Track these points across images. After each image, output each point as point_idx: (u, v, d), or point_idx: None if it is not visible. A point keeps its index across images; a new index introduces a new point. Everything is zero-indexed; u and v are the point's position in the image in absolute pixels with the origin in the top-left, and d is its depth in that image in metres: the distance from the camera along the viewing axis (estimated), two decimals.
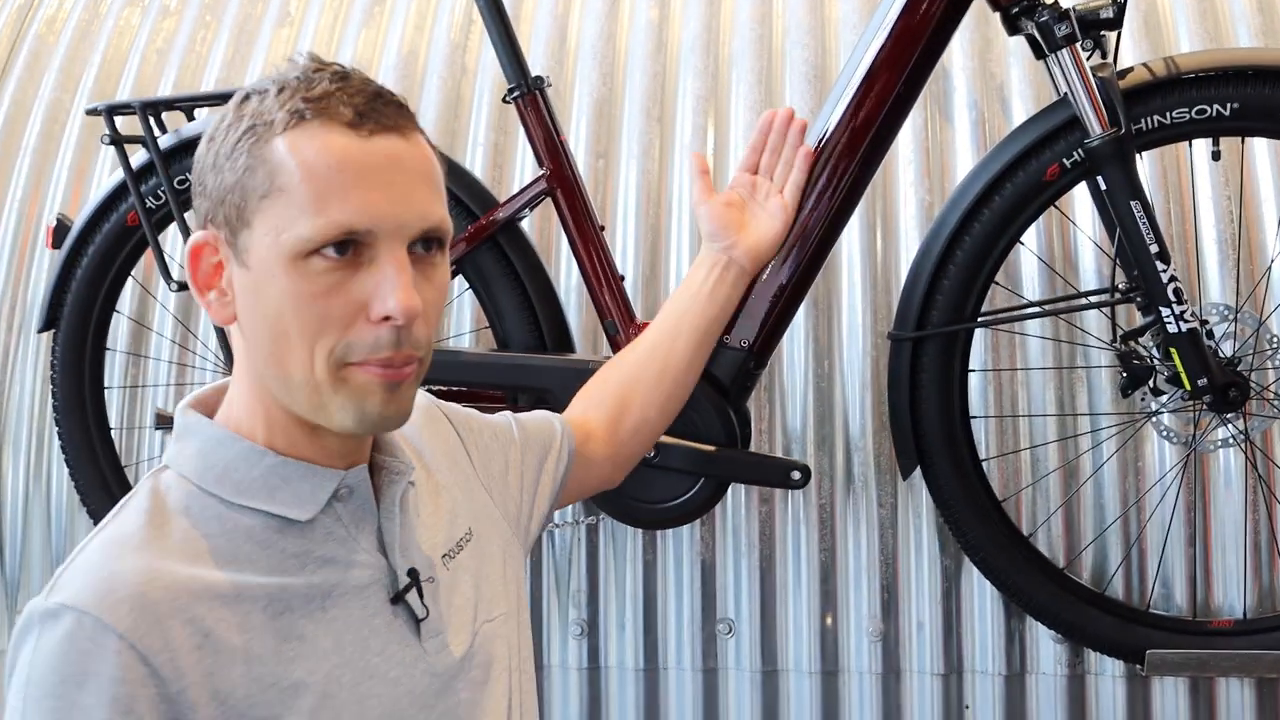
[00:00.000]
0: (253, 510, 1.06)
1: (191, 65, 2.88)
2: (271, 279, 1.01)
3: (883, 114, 1.94)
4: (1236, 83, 1.90)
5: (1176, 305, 1.90)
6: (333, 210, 0.98)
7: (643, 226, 2.44)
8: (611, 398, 1.59)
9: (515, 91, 2.10)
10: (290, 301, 1.00)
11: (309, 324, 1.01)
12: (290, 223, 0.99)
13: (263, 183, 1.00)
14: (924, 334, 2.03)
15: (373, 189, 1.00)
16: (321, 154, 0.99)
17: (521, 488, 1.38)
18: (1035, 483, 2.24)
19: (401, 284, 1.00)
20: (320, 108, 1.00)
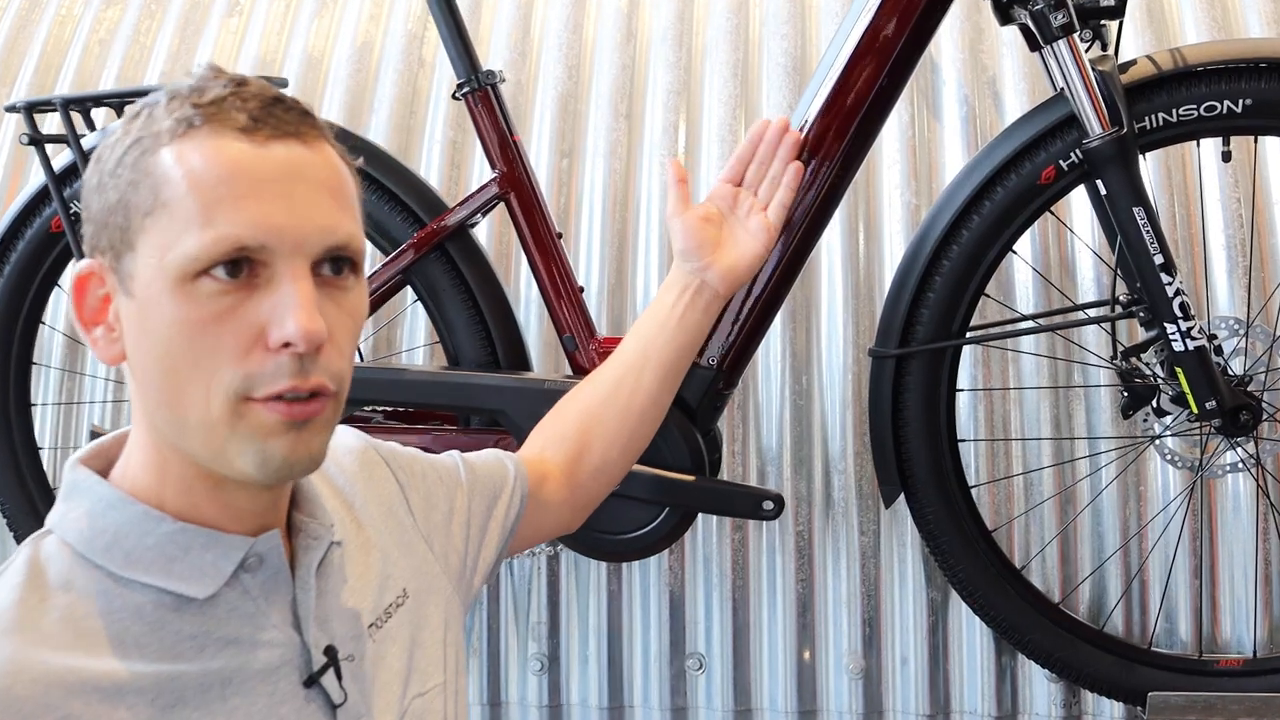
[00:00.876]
0: (144, 585, 0.92)
1: (135, 56, 2.72)
2: (158, 306, 0.88)
3: (864, 109, 1.79)
4: (1249, 77, 1.76)
5: (1183, 321, 1.75)
6: (221, 223, 0.87)
7: (609, 231, 2.28)
8: (571, 437, 1.43)
9: (465, 87, 1.95)
10: (179, 331, 0.88)
11: (201, 356, 0.88)
12: (175, 240, 0.87)
13: (146, 198, 0.89)
14: (908, 351, 1.87)
15: (267, 200, 0.88)
16: (209, 162, 0.88)
17: (466, 537, 1.24)
18: (1029, 511, 2.08)
19: (301, 304, 0.88)
20: (210, 113, 0.89)
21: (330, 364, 0.91)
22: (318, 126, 0.93)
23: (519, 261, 2.25)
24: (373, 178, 1.98)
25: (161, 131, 0.89)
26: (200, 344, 0.88)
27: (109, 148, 0.92)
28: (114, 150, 0.91)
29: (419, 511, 1.19)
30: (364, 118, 2.48)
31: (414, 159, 2.41)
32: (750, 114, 2.32)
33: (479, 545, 1.26)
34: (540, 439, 1.44)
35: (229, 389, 0.88)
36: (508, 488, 1.31)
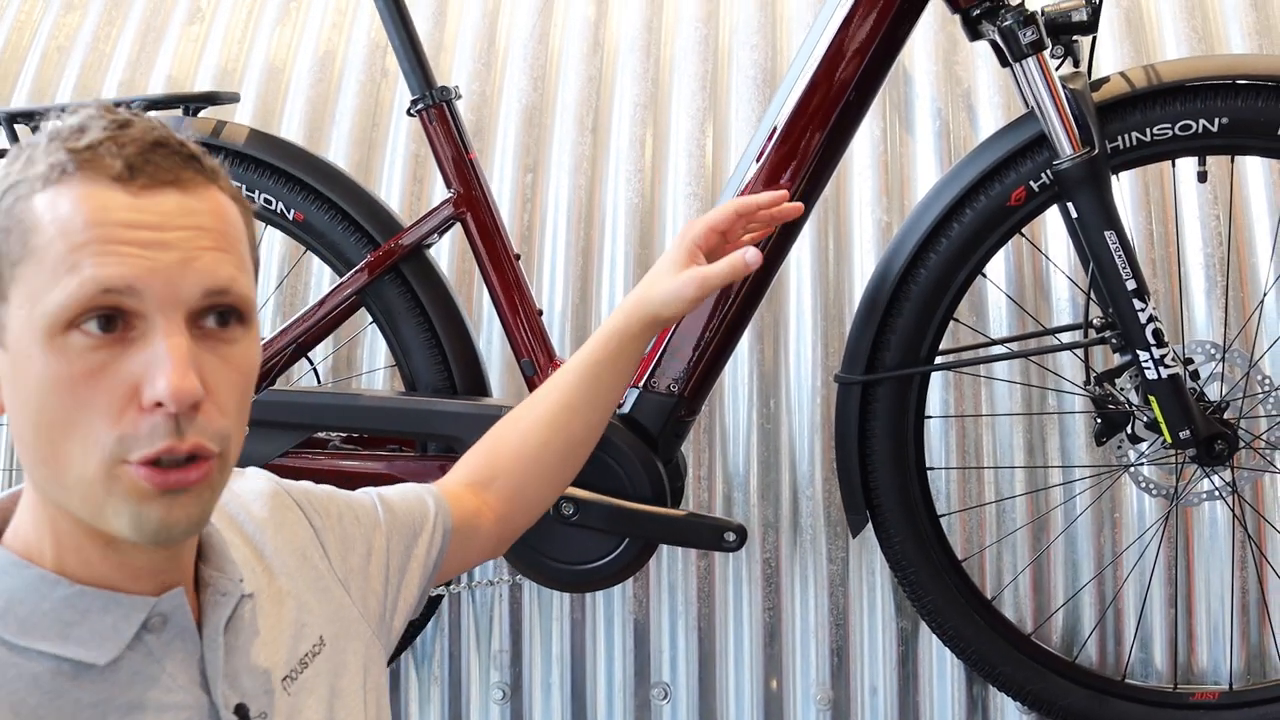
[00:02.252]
0: (40, 653, 0.87)
1: (94, 64, 2.65)
2: (29, 360, 0.84)
3: (832, 122, 1.76)
4: (1225, 95, 1.71)
5: (1156, 348, 1.70)
6: (86, 269, 0.82)
7: (573, 248, 2.22)
8: (505, 474, 1.37)
9: (420, 104, 1.89)
10: (51, 387, 0.83)
11: (75, 414, 0.84)
12: (44, 290, 0.83)
13: (16, 247, 0.84)
14: (875, 378, 1.82)
15: (138, 246, 0.84)
16: (78, 210, 0.83)
17: (385, 579, 1.19)
18: (1000, 540, 2.03)
19: (174, 361, 0.83)
20: (84, 159, 0.84)
21: (211, 423, 0.86)
22: (203, 170, 0.89)
23: (481, 282, 2.20)
24: (326, 197, 1.93)
25: (36, 177, 0.84)
26: (73, 401, 0.83)
27: None
28: None
29: (335, 555, 1.14)
30: (325, 130, 2.42)
31: (376, 173, 2.35)
32: (719, 127, 2.26)
33: (398, 586, 1.21)
34: (470, 474, 1.38)
35: (103, 450, 0.84)
36: (428, 526, 1.26)
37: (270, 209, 1.93)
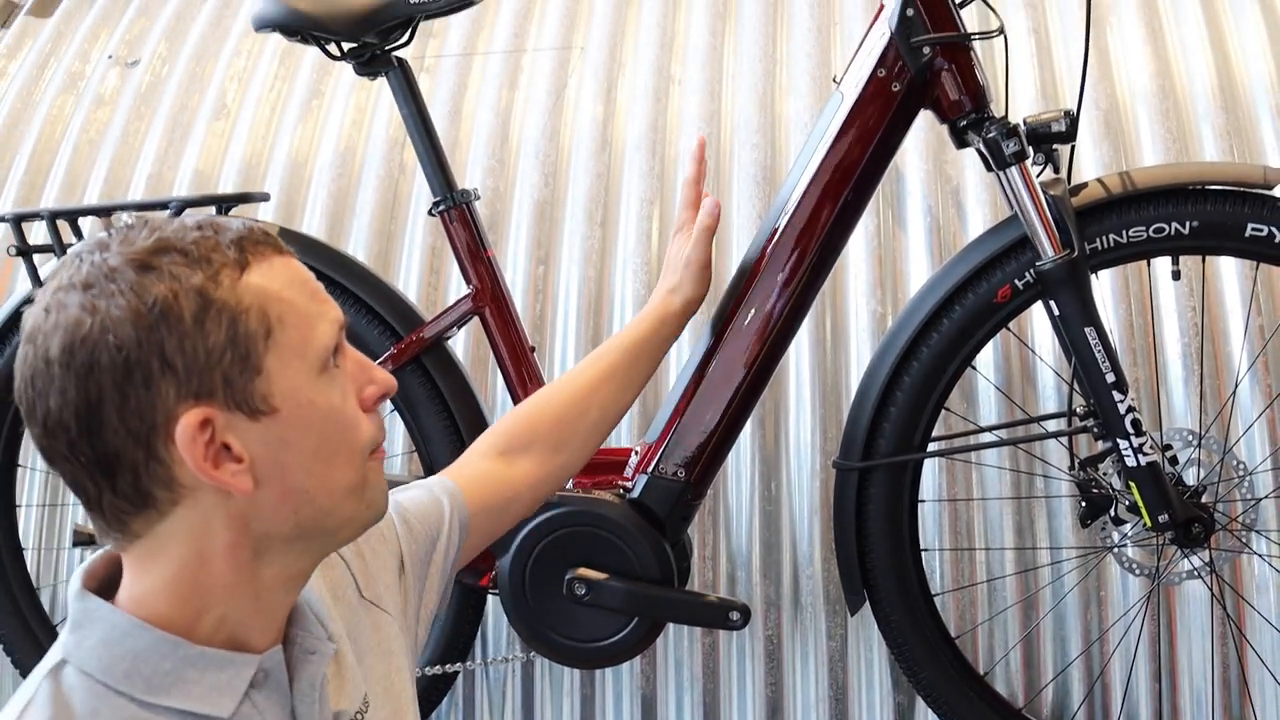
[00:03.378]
0: (168, 709, 0.97)
1: (124, 157, 2.78)
2: (311, 405, 0.99)
3: (830, 222, 1.85)
4: (1195, 199, 1.81)
5: (1135, 437, 1.79)
6: (324, 313, 1.01)
7: (583, 337, 2.33)
8: (543, 441, 1.51)
9: (441, 205, 2.00)
10: (333, 414, 1.00)
11: (348, 427, 1.02)
12: (308, 340, 0.99)
13: (259, 324, 0.97)
14: (871, 464, 1.92)
15: (318, 290, 1.04)
16: (287, 272, 1.01)
17: (408, 590, 1.30)
18: (992, 617, 2.12)
19: (370, 362, 1.07)
20: (252, 244, 1.00)
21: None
22: None
23: (496, 368, 2.30)
24: (352, 292, 2.03)
25: (226, 265, 0.96)
26: (346, 418, 1.01)
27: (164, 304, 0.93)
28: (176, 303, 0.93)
29: (364, 583, 1.23)
30: (346, 222, 2.54)
31: (394, 264, 2.47)
32: (722, 222, 2.32)
33: (420, 594, 1.32)
34: (509, 443, 1.50)
35: (366, 446, 1.03)
36: (444, 531, 1.36)
37: None
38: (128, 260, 0.94)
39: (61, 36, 3.07)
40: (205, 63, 2.89)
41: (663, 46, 2.62)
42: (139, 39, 2.99)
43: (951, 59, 1.77)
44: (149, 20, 3.04)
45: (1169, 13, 2.51)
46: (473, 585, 1.99)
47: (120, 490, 0.95)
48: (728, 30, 2.63)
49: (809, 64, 2.52)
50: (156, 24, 3.02)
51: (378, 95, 2.68)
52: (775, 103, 2.49)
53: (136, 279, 0.93)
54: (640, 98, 2.55)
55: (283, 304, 0.97)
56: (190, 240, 0.96)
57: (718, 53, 2.59)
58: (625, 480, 1.92)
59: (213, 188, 2.67)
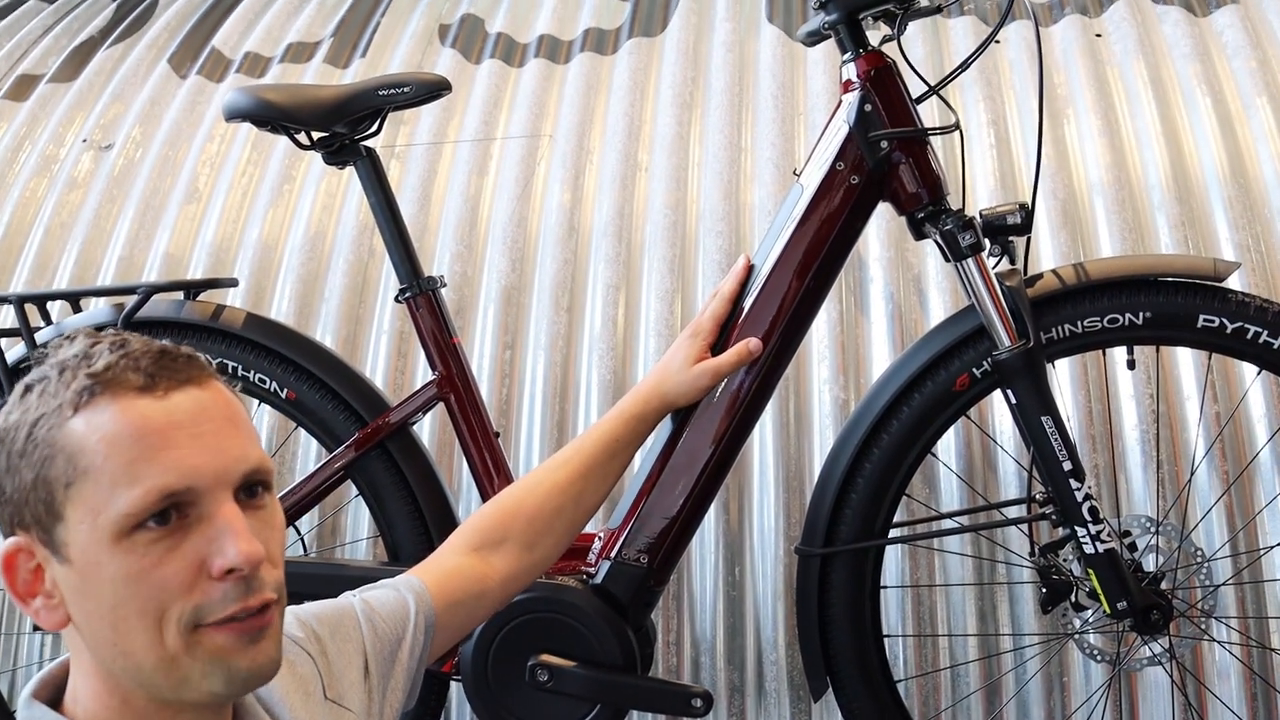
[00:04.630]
0: None
1: (95, 240, 2.80)
2: (99, 566, 0.94)
3: (793, 308, 1.87)
4: (1148, 290, 1.84)
5: (1092, 525, 1.81)
6: (145, 478, 0.93)
7: (548, 422, 2.35)
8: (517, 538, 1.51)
9: (407, 292, 2.02)
10: (124, 584, 0.94)
11: (149, 600, 0.94)
12: (105, 503, 0.93)
13: (64, 471, 0.94)
14: (832, 550, 1.92)
15: (182, 446, 0.95)
16: (120, 424, 0.94)
17: (370, 690, 1.29)
18: (956, 704, 2.12)
19: (237, 532, 0.96)
20: (107, 379, 0.95)
21: (269, 576, 0.98)
22: (204, 367, 1.01)
23: (460, 453, 2.31)
24: (318, 377, 2.04)
25: (63, 405, 0.94)
26: (146, 590, 0.94)
27: (9, 430, 0.97)
28: (16, 432, 0.96)
29: (327, 680, 1.23)
30: (315, 306, 2.55)
31: (362, 348, 2.48)
32: (686, 308, 2.41)
33: (384, 691, 1.31)
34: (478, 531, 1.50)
35: (181, 623, 0.94)
36: (409, 631, 1.35)
37: (264, 387, 2.04)
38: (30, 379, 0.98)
39: (37, 120, 3.10)
40: (178, 147, 2.92)
41: (630, 135, 2.67)
42: (113, 123, 3.03)
43: (909, 153, 1.81)
44: (123, 105, 3.08)
45: (1124, 106, 2.58)
46: (435, 671, 1.98)
47: None
48: (694, 119, 2.69)
49: (773, 153, 2.57)
50: (131, 109, 3.05)
51: (348, 181, 2.71)
52: (740, 191, 2.53)
53: (12, 399, 0.98)
54: (607, 185, 2.59)
55: (93, 457, 0.93)
56: (62, 370, 0.96)
57: (684, 141, 2.64)
58: (588, 566, 1.92)
59: (183, 271, 2.68)
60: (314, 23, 3.20)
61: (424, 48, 3.02)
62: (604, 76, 2.83)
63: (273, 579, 0.99)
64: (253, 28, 3.24)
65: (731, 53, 2.81)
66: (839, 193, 1.84)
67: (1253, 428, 2.16)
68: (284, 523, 1.05)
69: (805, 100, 2.68)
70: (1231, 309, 1.81)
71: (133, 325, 2.02)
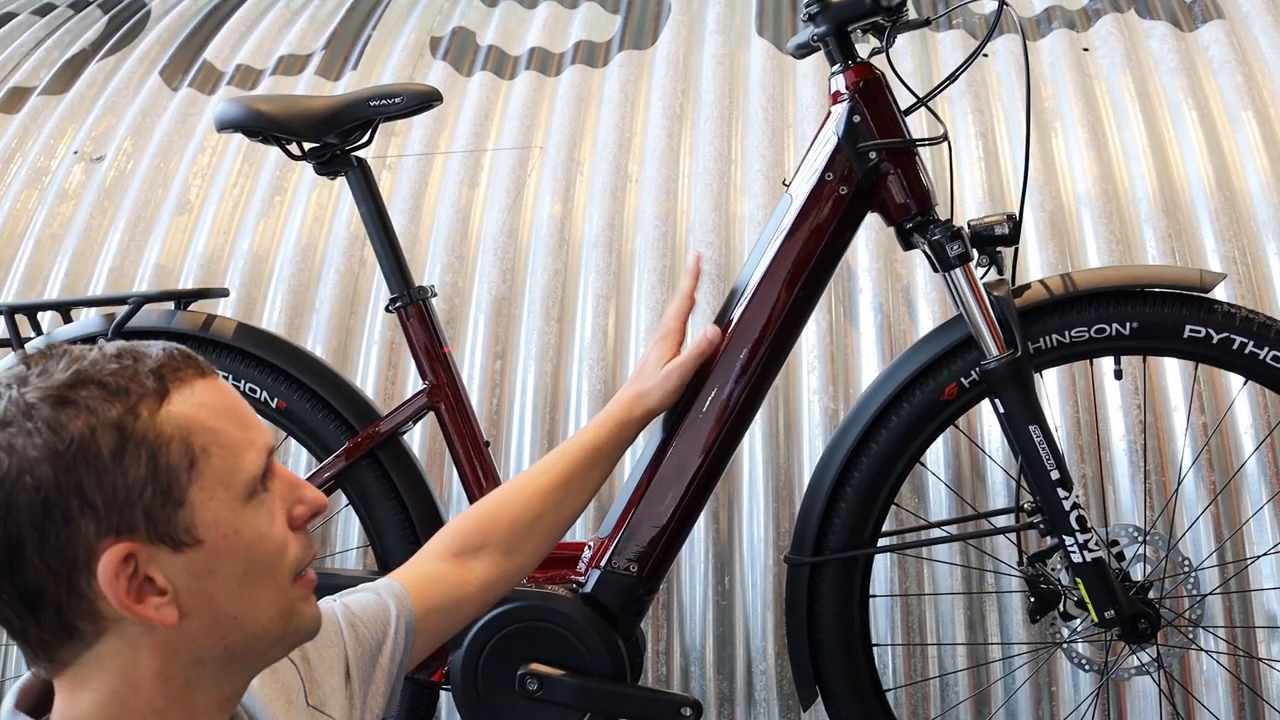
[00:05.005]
0: None
1: (85, 252, 2.80)
2: (236, 534, 0.99)
3: (781, 319, 1.88)
4: (1135, 301, 1.86)
5: (1080, 534, 1.81)
6: (254, 439, 1.01)
7: (538, 432, 2.35)
8: (498, 544, 1.52)
9: (398, 301, 2.03)
10: (258, 542, 1.00)
11: (276, 554, 1.01)
12: (233, 470, 0.99)
13: (182, 455, 0.96)
14: (821, 559, 1.93)
15: (246, 415, 1.03)
16: (208, 404, 0.99)
17: (354, 693, 1.30)
18: (944, 713, 2.13)
19: (301, 480, 1.05)
20: (172, 368, 0.99)
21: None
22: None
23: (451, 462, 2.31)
24: (308, 387, 2.05)
25: (145, 397, 0.95)
26: (272, 545, 1.00)
27: (75, 444, 0.92)
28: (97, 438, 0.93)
29: (310, 686, 1.24)
30: (305, 316, 2.56)
31: (353, 358, 2.49)
32: None
33: (364, 699, 1.32)
34: (457, 536, 1.51)
35: (293, 568, 1.02)
36: (390, 635, 1.36)
37: (255, 397, 2.05)
38: (45, 395, 0.92)
39: (28, 132, 3.11)
40: (170, 159, 2.92)
41: (620, 146, 2.68)
42: (105, 135, 3.03)
43: (897, 164, 1.82)
44: (115, 117, 3.08)
45: (1111, 119, 2.60)
46: (425, 680, 1.99)
47: (44, 624, 0.94)
48: (684, 131, 2.70)
49: (763, 164, 2.58)
50: (122, 121, 3.06)
51: (339, 193, 2.72)
52: (730, 202, 2.55)
53: (53, 415, 0.92)
54: (598, 196, 2.60)
55: (207, 434, 0.97)
56: (108, 372, 0.95)
57: (674, 153, 2.65)
58: (578, 575, 1.93)
59: (174, 282, 2.69)
60: (306, 35, 3.22)
61: (415, 60, 3.04)
62: (595, 89, 2.84)
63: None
64: (244, 40, 3.25)
65: (722, 65, 2.83)
66: (828, 203, 1.85)
67: (1239, 438, 2.17)
68: None
69: (795, 112, 2.69)
70: (1218, 320, 1.82)
71: (124, 335, 2.03)
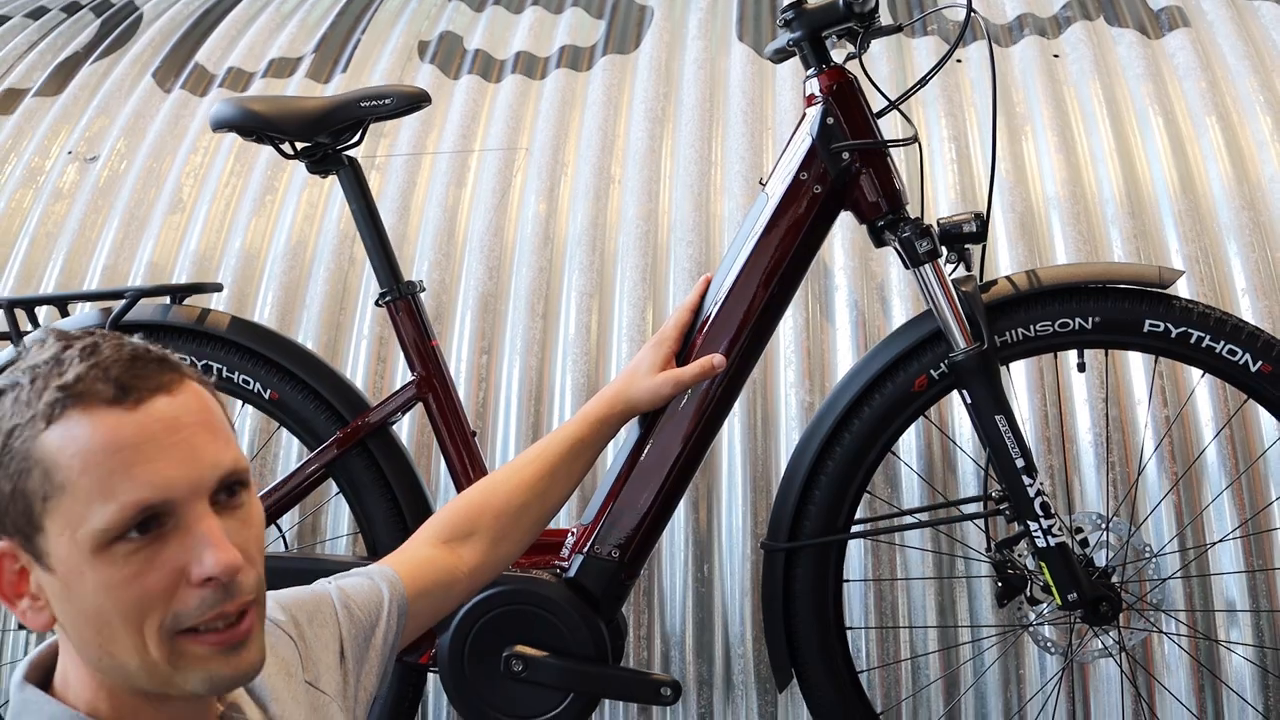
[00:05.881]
0: None
1: (80, 249, 2.85)
2: (80, 576, 0.96)
3: (757, 315, 1.94)
4: (1097, 297, 1.93)
5: (1044, 519, 1.88)
6: (121, 493, 0.95)
7: (523, 424, 2.42)
8: (485, 533, 1.56)
9: (387, 296, 2.09)
10: (106, 592, 0.96)
11: (131, 608, 0.97)
12: (82, 518, 0.95)
13: (40, 485, 0.96)
14: (797, 545, 2.00)
15: (156, 459, 0.96)
16: (92, 439, 0.95)
17: (348, 670, 1.34)
18: (916, 693, 2.20)
19: (214, 542, 0.97)
20: (78, 391, 0.95)
21: (247, 579, 1.00)
22: (178, 369, 1.02)
23: (438, 453, 2.38)
24: (300, 378, 2.11)
25: (35, 416, 0.95)
26: (128, 598, 0.96)
27: None
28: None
29: (308, 662, 1.28)
30: (296, 312, 2.62)
31: (343, 352, 2.55)
32: (658, 314, 2.49)
33: (358, 675, 1.35)
34: (445, 524, 1.56)
35: (162, 629, 0.97)
36: (383, 615, 1.39)
37: (248, 388, 2.11)
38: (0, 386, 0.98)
39: (22, 133, 3.16)
40: (163, 159, 2.98)
41: (603, 149, 2.75)
42: (98, 136, 3.09)
43: (869, 164, 1.90)
44: (108, 119, 3.14)
45: (1080, 124, 2.68)
46: (413, 663, 2.05)
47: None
48: (665, 134, 2.77)
49: (743, 166, 2.65)
50: (115, 122, 3.12)
51: (329, 192, 2.78)
52: (710, 202, 2.62)
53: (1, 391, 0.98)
54: (582, 196, 2.67)
55: (67, 473, 0.94)
56: (34, 378, 0.96)
57: (656, 155, 2.72)
58: (562, 560, 1.99)
59: (167, 279, 2.74)
60: (296, 39, 3.28)
61: (404, 63, 3.10)
62: (579, 92, 2.91)
63: (251, 579, 1.01)
64: (235, 44, 3.31)
65: (702, 70, 2.90)
66: (803, 202, 1.92)
67: (1200, 429, 2.26)
68: (263, 519, 1.07)
69: (774, 115, 2.77)
70: (1176, 314, 1.90)
71: (119, 328, 2.08)
